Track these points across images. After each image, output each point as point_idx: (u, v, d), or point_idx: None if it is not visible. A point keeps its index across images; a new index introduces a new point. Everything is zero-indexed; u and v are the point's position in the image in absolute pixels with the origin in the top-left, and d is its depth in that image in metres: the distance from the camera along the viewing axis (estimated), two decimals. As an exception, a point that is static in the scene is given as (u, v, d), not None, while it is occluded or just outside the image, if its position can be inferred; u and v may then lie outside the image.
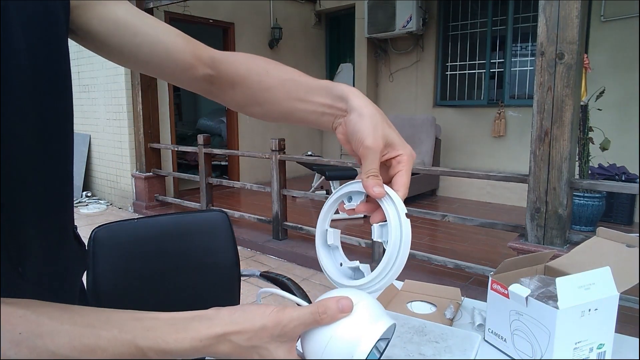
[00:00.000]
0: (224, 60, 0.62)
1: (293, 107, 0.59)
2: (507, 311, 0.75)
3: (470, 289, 2.76)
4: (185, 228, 1.21)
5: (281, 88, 0.59)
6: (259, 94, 0.61)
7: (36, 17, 0.47)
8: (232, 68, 0.62)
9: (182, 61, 0.60)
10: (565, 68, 2.22)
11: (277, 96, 0.60)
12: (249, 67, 0.61)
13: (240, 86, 0.61)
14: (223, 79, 0.62)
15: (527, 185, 2.42)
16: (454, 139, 5.49)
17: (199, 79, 0.62)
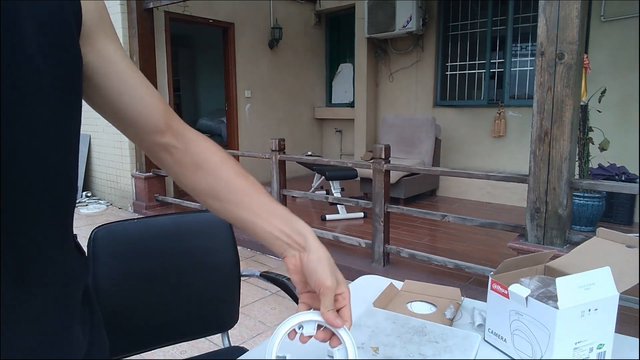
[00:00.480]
0: (195, 140, 0.64)
1: (251, 220, 0.62)
2: (507, 311, 0.75)
3: (470, 289, 2.76)
4: (185, 228, 1.21)
5: (246, 197, 0.63)
6: (224, 191, 0.63)
7: (49, 20, 0.47)
8: (203, 153, 0.64)
9: (153, 123, 0.61)
10: (565, 68, 2.23)
11: (240, 201, 0.63)
12: (222, 161, 0.64)
13: (206, 173, 0.63)
14: (189, 157, 0.63)
15: (527, 185, 2.42)
16: (454, 139, 5.49)
17: (161, 146, 0.62)
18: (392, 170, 3.04)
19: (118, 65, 0.57)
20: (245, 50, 5.93)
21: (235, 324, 1.27)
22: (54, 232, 0.51)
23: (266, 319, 2.53)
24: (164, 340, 1.18)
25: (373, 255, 3.13)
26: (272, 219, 0.62)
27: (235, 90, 5.89)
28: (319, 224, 4.20)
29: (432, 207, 4.94)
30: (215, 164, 0.63)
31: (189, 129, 0.65)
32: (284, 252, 0.62)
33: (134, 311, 1.11)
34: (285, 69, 6.52)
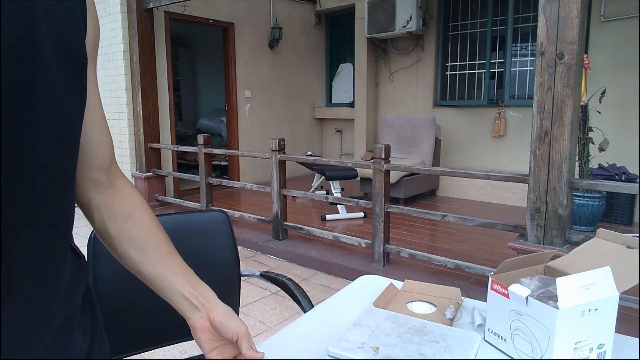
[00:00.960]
0: (126, 187, 0.66)
1: (166, 277, 0.65)
2: (507, 311, 0.75)
3: (470, 289, 2.76)
4: (185, 228, 1.21)
5: (167, 255, 0.67)
6: (149, 245, 0.65)
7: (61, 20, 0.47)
8: (134, 202, 0.66)
9: (99, 158, 0.62)
10: (565, 68, 2.23)
11: (161, 257, 0.66)
12: (150, 215, 0.68)
13: (135, 223, 0.65)
14: (119, 204, 0.64)
15: (527, 185, 2.42)
16: (454, 139, 5.49)
17: (96, 182, 0.62)
18: (392, 170, 3.04)
19: (91, 96, 0.56)
20: (245, 50, 5.93)
21: (235, 324, 1.27)
22: (54, 243, 0.51)
23: (266, 319, 2.53)
24: (164, 340, 1.18)
25: (373, 255, 3.13)
26: (184, 281, 0.65)
27: (235, 90, 5.89)
28: (319, 224, 4.20)
29: (432, 207, 4.94)
30: (144, 216, 0.66)
31: (124, 180, 0.67)
32: (189, 313, 0.66)
33: (134, 311, 1.11)
34: (285, 69, 6.52)
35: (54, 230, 0.50)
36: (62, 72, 0.46)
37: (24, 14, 0.42)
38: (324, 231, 3.46)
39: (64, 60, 0.47)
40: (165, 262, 0.66)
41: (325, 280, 3.13)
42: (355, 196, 4.34)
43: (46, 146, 0.45)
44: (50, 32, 0.45)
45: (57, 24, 0.46)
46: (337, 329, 0.78)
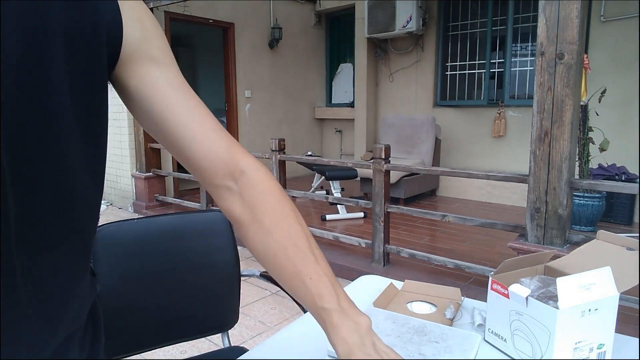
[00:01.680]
0: (253, 183, 0.57)
1: (295, 286, 0.56)
2: (507, 311, 0.75)
3: (470, 289, 2.76)
4: (185, 228, 1.21)
5: (290, 281, 0.56)
6: (271, 259, 0.57)
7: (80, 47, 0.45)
8: (261, 207, 0.57)
9: (201, 162, 0.56)
10: (565, 68, 2.22)
11: (285, 263, 0.56)
12: (276, 225, 0.57)
13: (260, 227, 0.57)
14: (244, 206, 0.57)
15: (527, 185, 2.42)
16: (454, 139, 5.49)
17: (215, 186, 0.58)
18: (392, 170, 3.04)
19: (164, 92, 0.54)
20: (245, 50, 5.93)
21: (235, 324, 1.27)
22: (77, 262, 0.51)
23: (266, 319, 2.53)
24: (164, 340, 1.18)
25: (373, 255, 3.13)
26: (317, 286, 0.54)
27: (235, 90, 5.89)
28: (319, 224, 4.20)
29: (432, 207, 4.94)
30: (267, 226, 0.57)
31: (252, 167, 0.58)
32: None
33: (134, 311, 1.11)
34: (285, 69, 6.51)
35: (80, 249, 0.50)
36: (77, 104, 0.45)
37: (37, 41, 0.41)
38: (324, 231, 3.46)
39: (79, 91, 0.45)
40: (293, 266, 0.55)
41: (325, 280, 3.12)
42: (355, 196, 4.34)
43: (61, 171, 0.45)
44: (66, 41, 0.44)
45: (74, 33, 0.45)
46: (337, 329, 0.78)
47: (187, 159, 0.56)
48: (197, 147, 0.55)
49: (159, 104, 0.54)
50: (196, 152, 0.56)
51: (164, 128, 0.55)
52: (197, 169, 0.57)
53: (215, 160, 0.56)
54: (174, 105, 0.54)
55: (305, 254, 0.55)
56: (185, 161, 0.57)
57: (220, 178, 0.57)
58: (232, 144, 0.58)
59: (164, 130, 0.55)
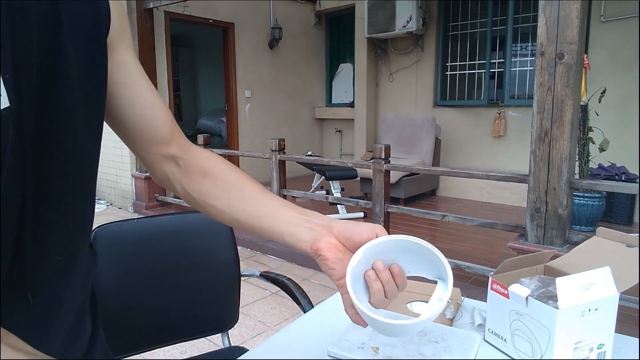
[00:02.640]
0: (197, 151, 0.66)
1: (266, 213, 0.60)
2: (507, 311, 0.75)
3: (470, 289, 2.76)
4: (185, 228, 1.21)
5: (259, 195, 0.62)
6: (234, 191, 0.62)
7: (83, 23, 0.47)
8: (208, 161, 0.65)
9: (160, 133, 0.62)
10: (565, 68, 2.22)
11: (252, 198, 0.62)
12: (228, 166, 0.65)
13: (214, 178, 0.63)
14: (195, 167, 0.64)
15: (527, 185, 2.42)
16: (454, 139, 5.49)
17: (167, 157, 0.63)
18: (392, 170, 3.04)
19: (133, 76, 0.58)
20: (245, 50, 5.93)
21: (235, 324, 1.27)
22: (79, 237, 0.53)
23: (266, 319, 2.53)
24: (164, 340, 1.18)
25: (373, 255, 3.13)
26: (287, 210, 0.60)
27: (235, 90, 5.89)
28: (319, 224, 4.20)
29: (432, 207, 4.94)
30: (222, 169, 0.64)
31: (189, 142, 0.66)
32: (308, 237, 0.57)
33: (134, 311, 1.11)
34: (285, 69, 6.52)
35: (80, 226, 0.53)
36: (83, 82, 0.47)
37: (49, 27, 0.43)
38: (324, 231, 3.45)
39: (86, 69, 0.48)
40: (258, 201, 0.61)
41: (325, 280, 3.13)
42: (355, 196, 4.34)
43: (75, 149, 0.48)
44: (73, 36, 0.45)
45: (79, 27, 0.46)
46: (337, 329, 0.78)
47: (142, 134, 0.61)
48: (156, 125, 0.61)
49: (130, 88, 0.58)
50: (156, 129, 0.62)
51: (126, 109, 0.59)
52: (150, 143, 0.62)
53: (169, 135, 0.63)
54: (142, 89, 0.60)
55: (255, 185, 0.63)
56: (138, 137, 0.62)
57: (171, 148, 0.63)
58: (177, 126, 0.66)
59: (126, 110, 0.59)
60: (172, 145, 0.63)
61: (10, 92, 0.37)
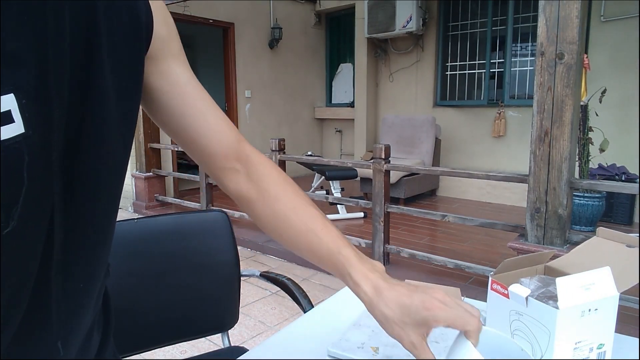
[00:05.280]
0: (258, 165, 0.63)
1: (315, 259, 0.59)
2: (507, 311, 0.75)
3: (470, 289, 2.76)
4: (185, 228, 1.21)
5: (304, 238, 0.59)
6: (282, 228, 0.60)
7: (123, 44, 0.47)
8: (267, 178, 0.62)
9: (216, 146, 0.60)
10: (565, 68, 2.22)
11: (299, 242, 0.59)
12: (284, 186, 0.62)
13: (265, 205, 0.61)
14: (251, 184, 0.62)
15: (527, 185, 2.42)
16: (454, 139, 5.49)
17: (224, 170, 0.62)
18: (392, 170, 3.04)
19: (183, 88, 0.58)
20: (245, 50, 5.93)
21: (235, 324, 1.27)
22: (102, 259, 0.52)
23: (266, 319, 2.53)
24: (164, 340, 1.18)
25: (373, 255, 3.13)
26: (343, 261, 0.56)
27: (235, 90, 5.89)
28: (319, 224, 4.20)
29: (432, 207, 4.94)
30: (273, 197, 0.61)
31: (255, 153, 0.64)
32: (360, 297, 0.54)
33: (134, 311, 1.11)
34: (285, 69, 6.52)
35: (105, 247, 0.52)
36: (117, 93, 0.46)
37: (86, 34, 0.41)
38: (324, 231, 3.45)
39: (120, 82, 0.47)
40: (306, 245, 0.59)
41: (325, 280, 3.13)
42: (355, 196, 4.34)
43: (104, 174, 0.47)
44: (109, 43, 0.44)
45: (115, 34, 0.45)
46: (337, 329, 0.78)
47: (202, 147, 0.61)
48: (211, 136, 0.60)
49: (177, 98, 0.57)
50: (210, 141, 0.60)
51: (179, 120, 0.59)
52: (207, 155, 0.62)
53: (225, 147, 0.61)
54: (192, 99, 0.59)
55: (313, 212, 0.60)
56: (199, 150, 0.61)
57: (229, 162, 0.62)
58: (239, 134, 0.64)
59: (179, 121, 0.59)
60: (236, 159, 0.62)
61: (32, 117, 0.36)
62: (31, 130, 0.36)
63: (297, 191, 0.62)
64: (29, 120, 0.36)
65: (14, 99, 0.35)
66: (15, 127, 0.35)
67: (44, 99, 0.37)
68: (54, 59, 0.38)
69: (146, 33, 0.51)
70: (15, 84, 0.35)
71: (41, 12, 0.37)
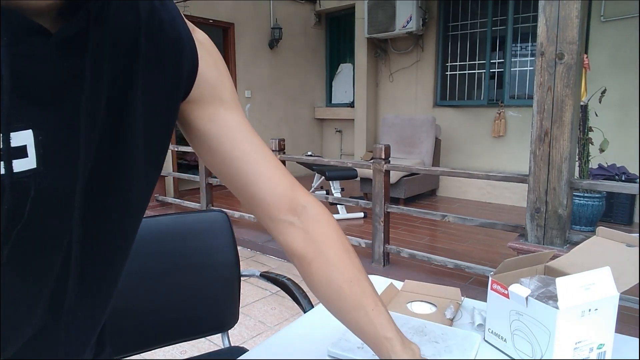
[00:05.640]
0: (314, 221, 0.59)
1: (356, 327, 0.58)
2: (507, 311, 0.75)
3: (470, 289, 2.76)
4: (185, 228, 1.21)
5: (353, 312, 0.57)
6: (332, 298, 0.58)
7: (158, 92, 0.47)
8: (321, 237, 0.59)
9: (267, 195, 0.57)
10: (565, 68, 2.22)
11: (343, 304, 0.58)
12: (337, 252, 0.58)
13: (320, 264, 0.58)
14: (305, 242, 0.58)
15: (527, 185, 2.42)
16: (454, 139, 5.49)
17: (276, 222, 0.59)
18: (392, 170, 3.04)
19: (234, 133, 0.56)
20: (245, 50, 5.93)
21: (235, 324, 1.27)
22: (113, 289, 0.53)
23: (266, 319, 2.53)
24: (164, 340, 1.18)
25: (373, 255, 3.13)
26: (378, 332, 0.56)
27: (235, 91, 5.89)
28: (319, 224, 4.20)
29: (432, 207, 4.94)
30: (329, 261, 0.58)
31: (312, 204, 0.60)
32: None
33: (133, 311, 1.11)
34: (285, 69, 6.51)
35: (115, 282, 0.53)
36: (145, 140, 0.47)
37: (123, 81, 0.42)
38: (324, 231, 3.45)
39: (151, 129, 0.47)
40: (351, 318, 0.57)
41: (325, 280, 3.12)
42: (355, 196, 4.34)
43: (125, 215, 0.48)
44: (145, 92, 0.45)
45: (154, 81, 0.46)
46: (337, 329, 0.78)
47: (251, 194, 0.58)
48: (262, 184, 0.57)
49: (228, 143, 0.56)
50: (262, 189, 0.57)
51: (229, 165, 0.57)
52: (260, 205, 0.58)
53: (279, 196, 0.58)
54: (243, 145, 0.57)
55: (365, 287, 0.58)
56: (249, 197, 0.58)
57: (283, 213, 0.58)
58: (294, 182, 0.60)
59: (230, 167, 0.57)
60: (283, 210, 0.58)
61: (47, 155, 0.37)
62: (42, 166, 0.37)
63: (354, 260, 0.59)
64: (42, 157, 0.36)
65: (32, 135, 0.35)
66: (28, 161, 0.36)
67: (64, 139, 0.38)
68: (87, 103, 0.39)
69: (187, 79, 0.51)
70: (34, 121, 0.35)
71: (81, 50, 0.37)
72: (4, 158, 0.34)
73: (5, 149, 0.34)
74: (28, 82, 0.34)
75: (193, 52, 0.51)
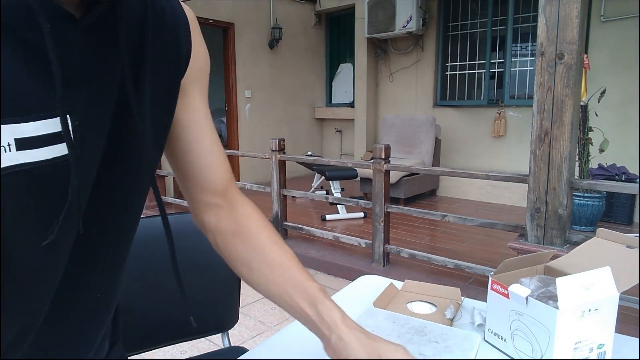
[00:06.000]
0: (240, 205, 0.64)
1: (281, 297, 0.63)
2: (507, 311, 0.75)
3: (470, 289, 2.76)
4: (185, 228, 1.20)
5: (277, 270, 0.61)
6: (256, 262, 0.61)
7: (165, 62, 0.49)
8: (244, 219, 0.63)
9: (211, 182, 0.61)
10: (565, 68, 2.23)
11: (271, 276, 0.61)
12: (259, 229, 0.63)
13: (242, 241, 0.62)
14: (229, 223, 0.63)
15: (527, 185, 2.42)
16: (454, 139, 5.49)
17: (209, 205, 0.63)
18: (392, 170, 3.04)
19: (199, 122, 0.58)
20: (245, 50, 5.93)
21: (235, 324, 1.27)
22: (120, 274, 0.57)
23: (266, 319, 2.53)
24: (164, 340, 1.18)
25: (373, 255, 3.13)
26: (297, 299, 0.62)
27: (235, 90, 5.89)
28: (319, 224, 4.20)
29: (432, 207, 4.94)
30: (252, 232, 0.63)
31: (241, 195, 0.65)
32: (318, 336, 0.59)
33: (133, 311, 1.11)
34: (285, 69, 6.51)
35: (122, 266, 0.57)
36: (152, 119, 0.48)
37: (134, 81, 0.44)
38: (324, 231, 3.46)
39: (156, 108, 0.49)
40: (277, 286, 0.62)
41: (325, 280, 3.13)
42: (355, 196, 4.34)
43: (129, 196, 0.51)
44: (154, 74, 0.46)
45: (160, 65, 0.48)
46: (337, 329, 0.78)
47: (194, 180, 0.61)
48: (207, 174, 0.61)
49: (192, 132, 0.58)
50: (205, 178, 0.61)
51: (185, 152, 0.59)
52: (198, 189, 0.62)
53: (218, 185, 0.62)
54: (204, 136, 0.59)
55: (291, 254, 0.62)
56: (190, 181, 0.62)
57: (216, 198, 0.62)
58: (232, 174, 0.65)
59: (184, 154, 0.59)
60: (221, 197, 0.62)
61: (82, 139, 0.38)
62: (79, 150, 0.38)
63: (276, 234, 0.63)
64: (79, 141, 0.38)
65: (69, 120, 0.37)
66: (64, 146, 0.37)
67: (92, 122, 0.40)
68: (104, 88, 0.41)
69: (185, 64, 0.53)
70: (71, 107, 0.37)
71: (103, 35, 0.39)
72: (66, 140, 0.36)
73: (66, 131, 0.36)
74: (63, 69, 0.36)
75: (187, 37, 0.53)
